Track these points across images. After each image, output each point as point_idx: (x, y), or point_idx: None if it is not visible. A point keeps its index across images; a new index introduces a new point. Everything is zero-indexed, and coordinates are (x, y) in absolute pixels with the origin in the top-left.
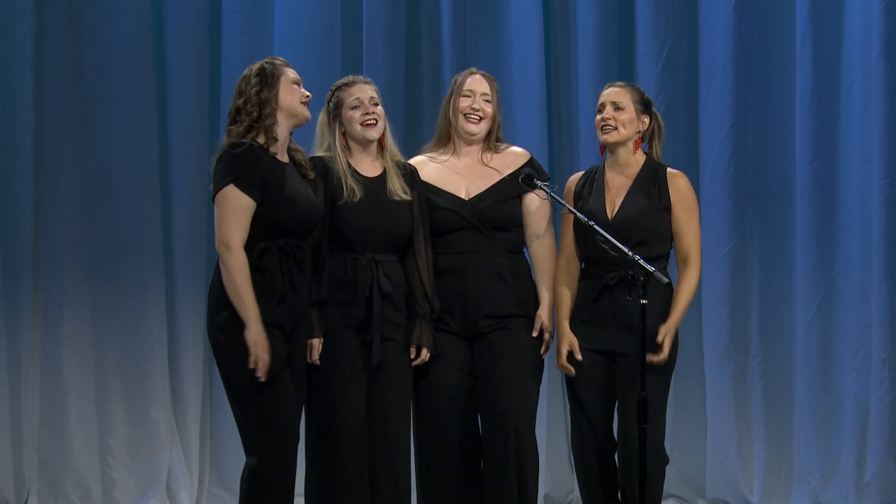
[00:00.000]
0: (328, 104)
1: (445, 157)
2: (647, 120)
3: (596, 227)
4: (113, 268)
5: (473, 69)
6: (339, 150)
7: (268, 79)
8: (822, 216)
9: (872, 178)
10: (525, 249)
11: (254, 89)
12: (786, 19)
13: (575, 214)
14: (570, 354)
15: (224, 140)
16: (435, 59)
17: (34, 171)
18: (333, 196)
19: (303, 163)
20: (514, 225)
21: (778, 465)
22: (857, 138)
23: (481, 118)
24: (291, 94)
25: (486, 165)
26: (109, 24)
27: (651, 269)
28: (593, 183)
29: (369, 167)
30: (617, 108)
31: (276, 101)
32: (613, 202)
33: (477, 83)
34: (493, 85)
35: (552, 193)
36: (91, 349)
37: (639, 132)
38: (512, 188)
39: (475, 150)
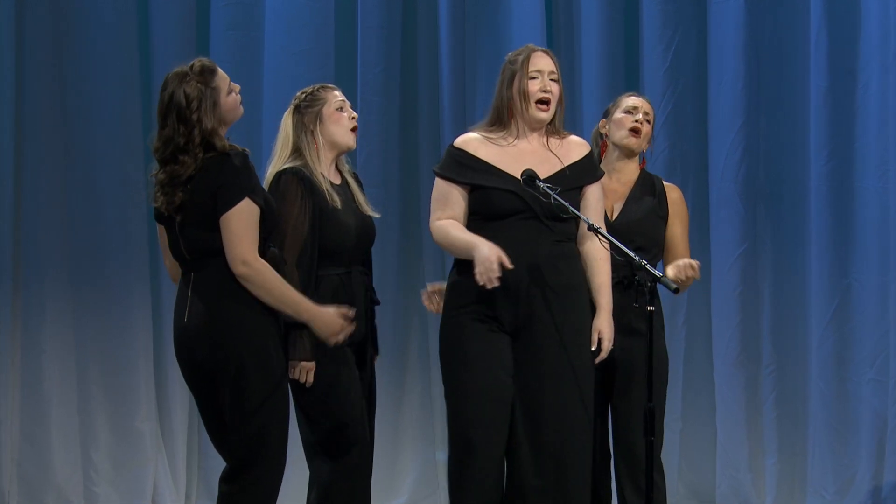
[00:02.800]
0: (298, 105)
1: (507, 141)
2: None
3: (601, 231)
4: (96, 272)
5: (532, 45)
6: (314, 153)
7: (213, 94)
8: (838, 219)
9: (890, 179)
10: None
11: (202, 112)
12: (800, 13)
13: (580, 218)
14: None
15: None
16: (432, 56)
17: (13, 170)
18: (321, 208)
19: None
20: (570, 217)
21: (791, 479)
22: (873, 138)
23: (550, 101)
24: (234, 106)
25: (551, 151)
26: (92, 17)
27: (658, 274)
28: None
29: (334, 174)
30: (647, 119)
31: (223, 115)
32: (612, 206)
33: (542, 61)
34: (556, 60)
35: (555, 196)
36: (73, 357)
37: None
38: (572, 179)
39: (538, 133)
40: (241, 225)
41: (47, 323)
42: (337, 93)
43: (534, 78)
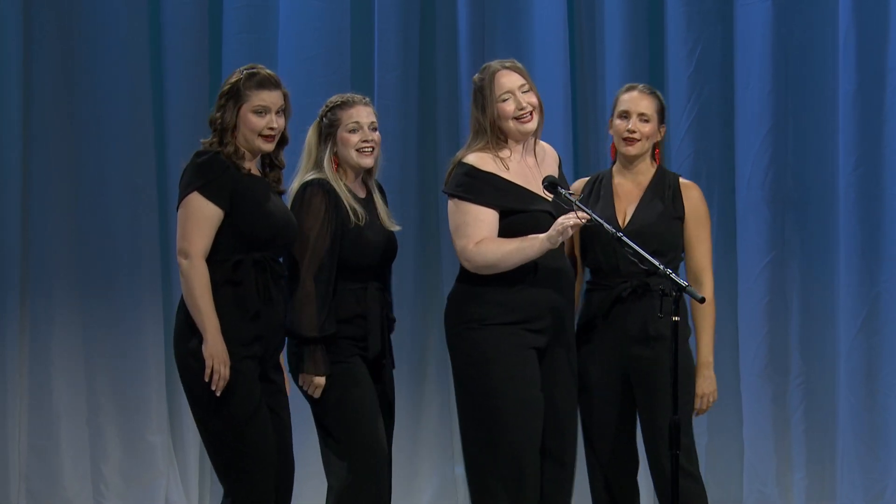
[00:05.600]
0: (321, 120)
1: (516, 160)
2: (663, 130)
3: (625, 238)
4: (106, 283)
5: (492, 65)
6: (331, 172)
7: (235, 98)
8: (867, 226)
9: None
10: None
11: (220, 107)
12: (827, 15)
13: (602, 224)
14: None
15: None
16: (451, 58)
17: (22, 180)
18: (343, 223)
19: (275, 180)
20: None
21: (820, 494)
22: None
23: (531, 112)
24: (251, 126)
25: (541, 167)
26: (101, 22)
27: (684, 283)
28: (600, 190)
29: (359, 188)
30: (643, 119)
31: (237, 126)
32: (625, 210)
33: (508, 79)
34: (523, 70)
35: (577, 202)
36: (82, 369)
37: (656, 143)
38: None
39: (528, 146)
40: (185, 218)
41: (56, 334)
42: (357, 109)
43: (506, 99)
